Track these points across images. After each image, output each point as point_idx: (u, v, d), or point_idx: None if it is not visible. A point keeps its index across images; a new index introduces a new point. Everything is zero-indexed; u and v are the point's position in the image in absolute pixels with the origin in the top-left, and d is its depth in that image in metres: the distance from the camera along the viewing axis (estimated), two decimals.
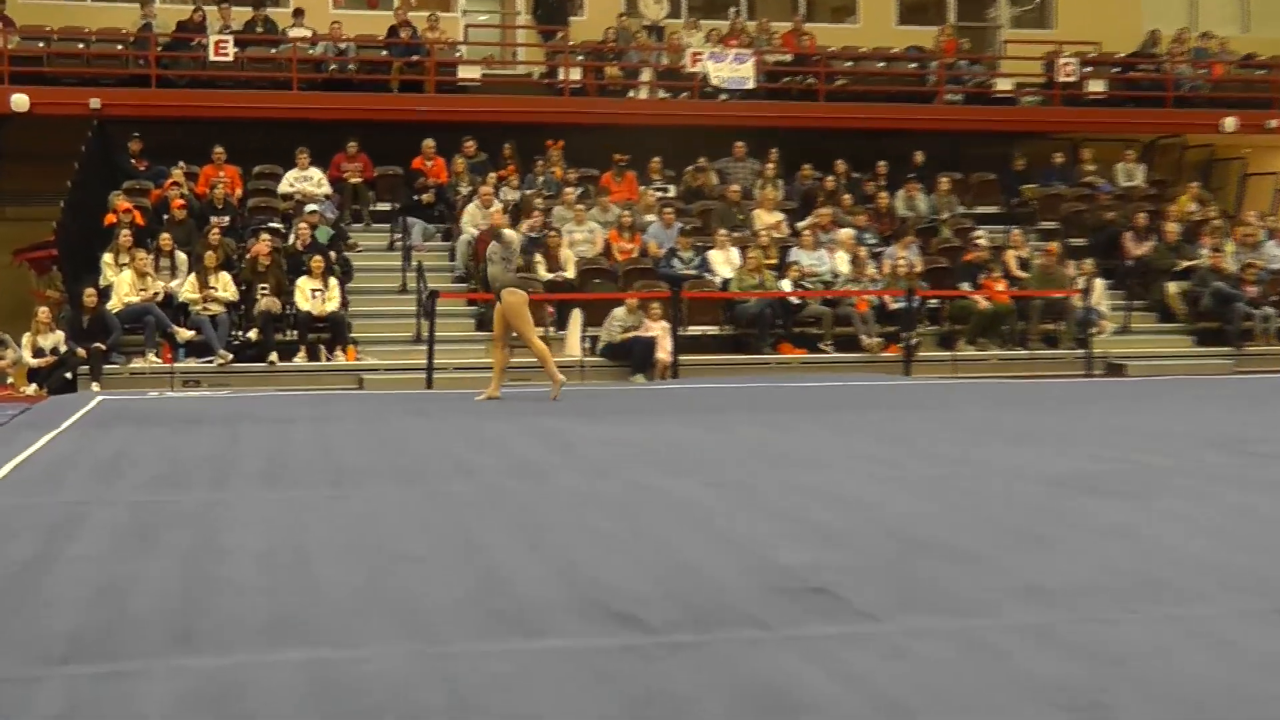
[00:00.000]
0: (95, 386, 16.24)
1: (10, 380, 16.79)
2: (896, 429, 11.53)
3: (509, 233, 14.24)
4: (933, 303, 20.04)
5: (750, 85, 22.99)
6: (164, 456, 9.72)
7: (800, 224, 21.04)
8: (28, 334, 16.87)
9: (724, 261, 19.59)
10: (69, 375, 16.45)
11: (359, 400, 15.22)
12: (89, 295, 16.90)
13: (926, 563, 6.07)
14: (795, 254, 19.86)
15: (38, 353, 16.69)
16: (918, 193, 22.48)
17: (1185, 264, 21.30)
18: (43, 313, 17.13)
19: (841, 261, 19.94)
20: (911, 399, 15.05)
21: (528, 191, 20.42)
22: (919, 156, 23.14)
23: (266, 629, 5.02)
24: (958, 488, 8.26)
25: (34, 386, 16.38)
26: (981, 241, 20.79)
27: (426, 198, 20.91)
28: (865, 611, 5.22)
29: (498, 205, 17.99)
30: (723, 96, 23.04)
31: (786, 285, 19.24)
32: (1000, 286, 19.81)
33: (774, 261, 19.68)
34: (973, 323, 19.61)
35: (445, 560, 6.19)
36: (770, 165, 22.23)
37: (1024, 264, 20.65)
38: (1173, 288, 21.03)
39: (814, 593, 5.50)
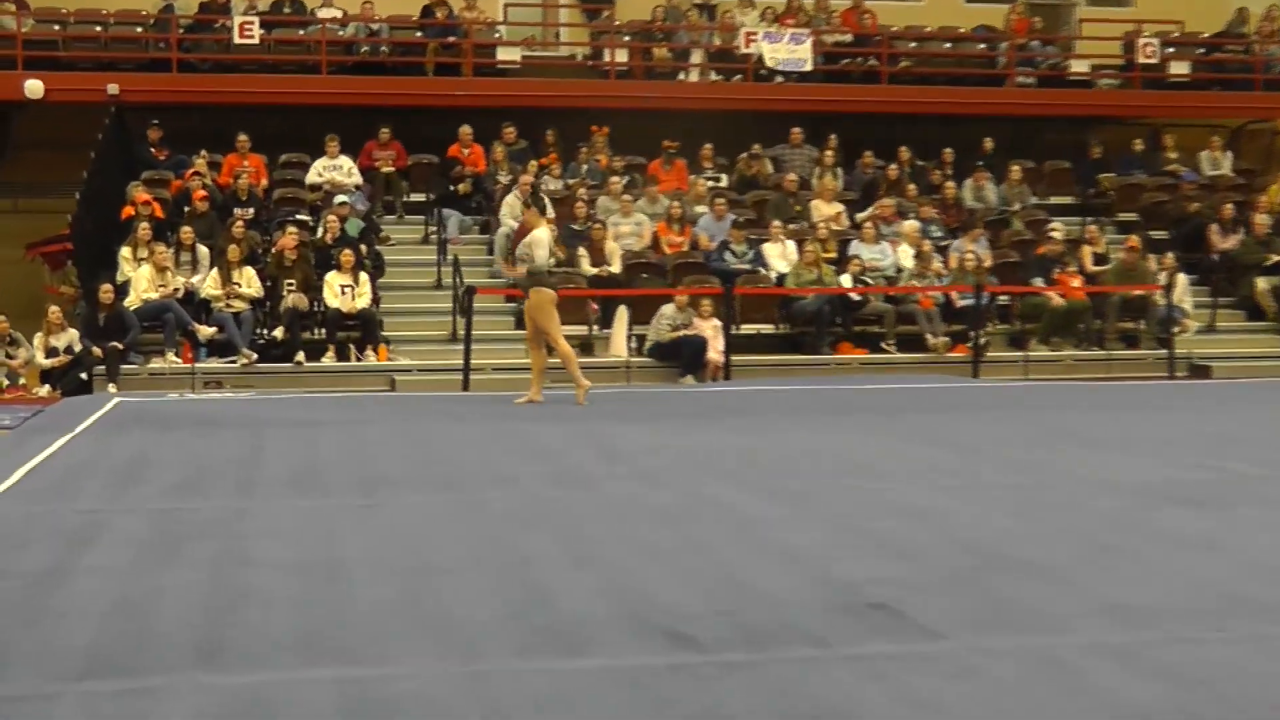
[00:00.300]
0: (112, 388, 16.33)
1: (22, 381, 16.92)
2: (964, 434, 11.49)
3: (537, 233, 14.26)
4: (1003, 299, 19.90)
5: (807, 67, 22.93)
6: (185, 462, 9.78)
7: (861, 215, 20.98)
8: (40, 333, 17.00)
9: (779, 255, 19.53)
10: (84, 376, 16.55)
11: (391, 403, 15.28)
12: (105, 291, 16.99)
13: (997, 577, 6.05)
14: (855, 247, 19.79)
15: (51, 352, 16.82)
16: (987, 182, 22.35)
17: (1275, 258, 21.11)
18: (54, 311, 17.25)
19: (905, 255, 19.85)
20: (980, 402, 14.99)
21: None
22: (988, 143, 23.02)
23: (296, 645, 5.06)
24: (1031, 497, 8.23)
25: (47, 388, 16.50)
26: (1055, 234, 20.64)
27: (463, 188, 20.92)
28: (931, 629, 5.21)
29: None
30: (778, 79, 22.99)
31: (846, 281, 19.16)
32: (1075, 282, 19.64)
33: (833, 255, 19.60)
34: (1045, 321, 19.48)
35: (484, 574, 6.21)
36: (829, 153, 22.13)
37: (1101, 258, 20.52)
38: (1262, 284, 20.83)
39: (876, 609, 5.50)
